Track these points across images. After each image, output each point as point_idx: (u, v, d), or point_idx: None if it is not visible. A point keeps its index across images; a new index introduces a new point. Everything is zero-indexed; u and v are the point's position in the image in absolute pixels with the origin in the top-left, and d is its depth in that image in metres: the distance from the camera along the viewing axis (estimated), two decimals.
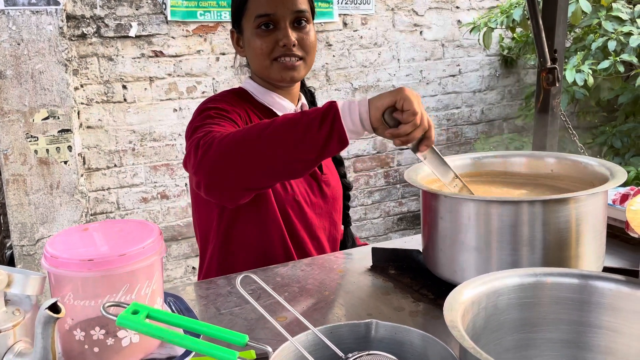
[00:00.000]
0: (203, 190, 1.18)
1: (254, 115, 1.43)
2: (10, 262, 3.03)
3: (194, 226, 1.54)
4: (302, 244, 1.47)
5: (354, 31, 3.75)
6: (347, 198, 1.63)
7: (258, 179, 1.14)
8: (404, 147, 1.10)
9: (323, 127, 1.04)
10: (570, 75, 3.38)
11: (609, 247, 1.17)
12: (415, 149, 1.12)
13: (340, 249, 1.61)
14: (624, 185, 1.23)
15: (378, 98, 1.06)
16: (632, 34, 3.34)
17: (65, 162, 2.85)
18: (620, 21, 3.49)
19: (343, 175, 1.63)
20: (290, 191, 1.42)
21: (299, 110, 1.09)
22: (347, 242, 1.66)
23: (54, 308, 0.73)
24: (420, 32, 3.97)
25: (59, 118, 2.81)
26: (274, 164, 1.09)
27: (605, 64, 3.39)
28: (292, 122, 1.06)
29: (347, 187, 1.63)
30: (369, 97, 1.08)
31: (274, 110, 1.47)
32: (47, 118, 2.79)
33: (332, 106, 1.06)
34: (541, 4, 1.74)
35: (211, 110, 1.32)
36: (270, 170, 1.12)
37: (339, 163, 1.64)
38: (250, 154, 1.09)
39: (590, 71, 3.39)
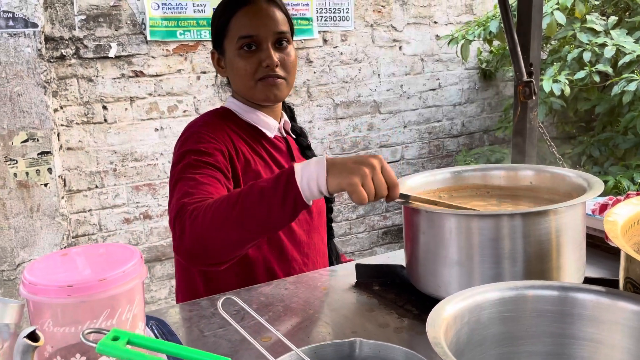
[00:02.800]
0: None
1: (238, 138, 1.42)
2: None
3: (173, 249, 1.52)
4: (294, 262, 1.46)
5: (334, 47, 3.78)
6: (329, 211, 1.64)
7: (232, 254, 1.18)
8: None
9: (286, 206, 1.06)
10: (547, 85, 3.43)
11: (589, 257, 1.19)
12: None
13: (328, 263, 1.62)
14: (603, 195, 1.24)
15: (334, 176, 1.05)
16: (606, 45, 3.41)
17: (46, 185, 2.82)
18: (595, 32, 3.57)
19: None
20: None
21: (272, 176, 1.10)
22: (332, 254, 1.66)
23: (33, 336, 0.72)
24: (400, 48, 4.02)
25: (38, 140, 2.78)
26: (244, 242, 1.14)
27: (581, 74, 3.45)
28: (254, 203, 1.08)
29: (329, 199, 1.63)
30: (328, 159, 1.08)
31: (259, 127, 1.48)
32: (26, 141, 2.76)
33: (290, 184, 1.06)
34: (516, 18, 1.77)
35: (191, 156, 1.31)
36: (243, 246, 1.16)
37: (307, 147, 1.65)
38: (219, 239, 1.12)
39: (567, 81, 3.45)
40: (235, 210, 1.08)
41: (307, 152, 1.61)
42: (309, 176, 1.05)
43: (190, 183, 1.24)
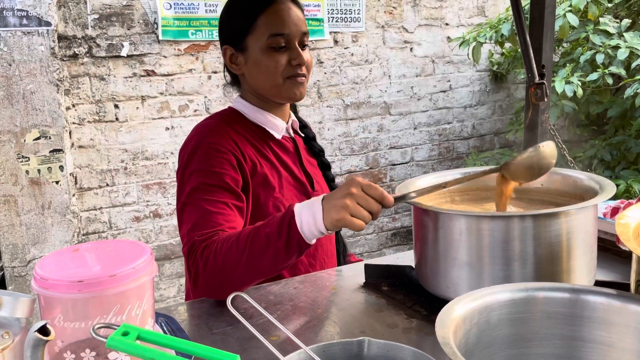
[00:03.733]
0: None
1: (245, 141, 1.42)
2: (2, 283, 3.00)
3: (183, 250, 1.53)
4: (300, 264, 1.46)
5: (344, 48, 3.78)
6: None
7: (247, 286, 1.25)
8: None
9: (290, 253, 1.13)
10: (559, 86, 3.41)
11: (600, 260, 1.18)
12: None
13: (337, 258, 1.62)
14: (614, 198, 1.24)
15: (329, 213, 1.09)
16: (619, 47, 3.38)
17: (57, 182, 2.84)
18: (608, 35, 3.54)
19: (332, 180, 1.64)
20: None
21: (274, 220, 1.17)
22: (339, 247, 1.66)
23: (44, 330, 0.73)
24: (411, 49, 4.01)
25: (50, 138, 2.80)
26: (256, 278, 1.21)
27: (594, 76, 3.42)
28: (262, 251, 1.14)
29: (333, 187, 1.63)
30: (325, 197, 1.12)
31: (267, 128, 1.48)
32: (38, 138, 2.78)
33: (292, 230, 1.11)
34: (528, 20, 1.77)
35: (200, 179, 1.32)
36: (254, 280, 1.23)
37: (326, 167, 1.65)
38: (234, 277, 1.18)
39: (580, 83, 3.43)
40: (244, 256, 1.15)
41: (313, 143, 1.63)
42: (308, 220, 1.11)
43: (198, 213, 1.28)
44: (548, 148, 1.14)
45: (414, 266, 1.25)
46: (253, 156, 1.41)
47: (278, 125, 1.50)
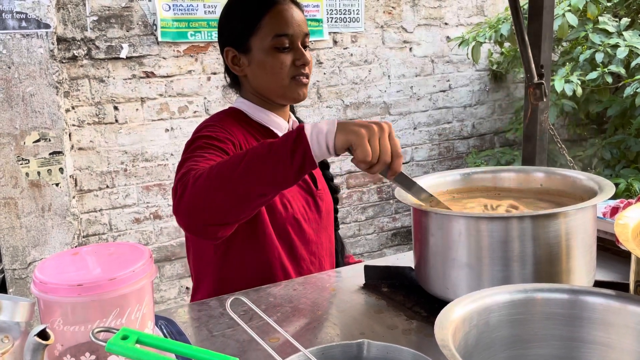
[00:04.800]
0: (185, 230, 1.20)
1: (251, 137, 1.43)
2: (2, 286, 3.00)
3: (186, 250, 1.53)
4: (302, 261, 1.47)
5: (344, 49, 3.78)
6: (335, 202, 1.64)
7: (235, 214, 1.13)
8: None
9: (294, 161, 1.04)
10: (559, 85, 3.41)
11: (600, 260, 1.18)
12: (384, 175, 1.11)
13: (335, 257, 1.62)
14: (614, 197, 1.24)
15: (341, 134, 1.04)
16: (619, 46, 3.38)
17: (57, 185, 2.84)
18: (607, 34, 3.54)
19: (330, 179, 1.64)
20: (290, 210, 1.43)
21: (282, 134, 1.08)
22: (337, 246, 1.66)
23: (43, 334, 0.73)
24: (410, 49, 4.01)
25: (50, 140, 2.81)
26: (248, 199, 1.09)
27: (593, 75, 3.42)
28: (263, 158, 1.06)
29: (335, 190, 1.64)
30: (339, 121, 1.07)
31: (270, 127, 1.49)
32: (38, 140, 2.78)
33: (301, 138, 1.04)
34: (527, 20, 1.76)
35: (202, 140, 1.31)
36: (245, 205, 1.11)
37: (325, 167, 1.66)
38: (223, 193, 1.08)
39: (579, 82, 3.42)
40: (242, 164, 1.06)
41: None
42: (319, 132, 1.04)
43: (198, 159, 1.22)
44: None
45: (413, 267, 1.25)
46: None
47: (281, 125, 1.50)
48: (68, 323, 0.83)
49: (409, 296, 1.24)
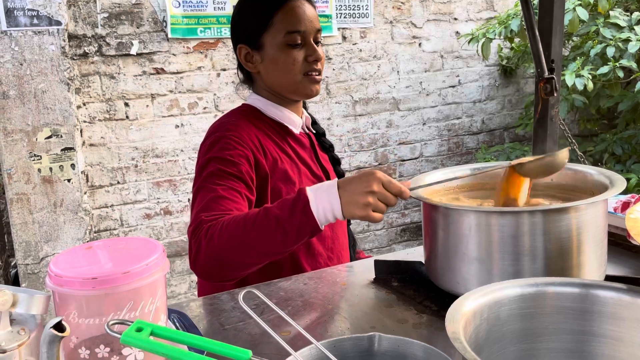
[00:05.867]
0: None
1: (265, 136, 1.44)
2: (15, 281, 3.03)
3: (188, 230, 1.54)
4: (319, 257, 1.48)
5: (353, 44, 3.77)
6: None
7: (246, 271, 1.24)
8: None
9: (300, 236, 1.13)
10: (570, 80, 3.39)
11: (611, 255, 1.18)
12: None
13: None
14: (625, 192, 1.23)
15: (348, 206, 1.11)
16: (630, 40, 3.36)
17: (69, 180, 2.87)
18: (619, 28, 3.51)
19: (342, 175, 1.65)
20: None
21: (283, 203, 1.17)
22: (349, 240, 1.67)
23: (59, 327, 0.74)
24: (419, 44, 4.00)
25: (61, 136, 2.83)
26: (258, 263, 1.21)
27: (604, 69, 3.40)
28: (270, 231, 1.13)
29: None
30: (337, 186, 1.13)
31: (284, 123, 1.50)
32: (50, 137, 2.81)
33: (307, 215, 1.11)
34: (537, 14, 1.75)
35: (215, 165, 1.32)
36: (256, 266, 1.23)
37: (336, 163, 1.67)
38: (236, 258, 1.17)
39: (590, 76, 3.40)
40: (250, 236, 1.13)
41: (323, 139, 1.65)
42: (324, 207, 1.11)
43: (210, 195, 1.27)
44: (563, 155, 1.21)
45: (423, 262, 1.25)
46: (274, 151, 1.43)
47: (295, 121, 1.51)
48: (83, 316, 0.84)
49: (419, 290, 1.24)
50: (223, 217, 1.21)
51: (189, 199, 3.37)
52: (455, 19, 4.09)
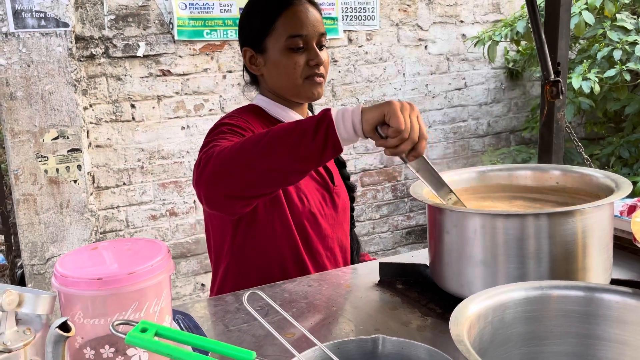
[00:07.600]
0: (204, 202, 1.21)
1: None
2: (21, 281, 3.05)
3: (207, 243, 1.55)
4: (318, 255, 1.49)
5: (359, 47, 3.78)
6: (352, 200, 1.65)
7: (255, 189, 1.16)
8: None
9: (317, 137, 1.06)
10: (576, 82, 3.38)
11: (617, 258, 1.17)
12: (405, 160, 1.12)
13: (351, 255, 1.63)
14: (632, 195, 1.23)
15: (370, 110, 1.06)
16: (637, 43, 3.34)
17: (75, 181, 2.88)
18: (625, 31, 3.50)
19: (347, 178, 1.65)
20: (306, 204, 1.45)
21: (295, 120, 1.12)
22: (353, 244, 1.67)
23: (64, 327, 0.74)
24: (425, 47, 4.00)
25: (68, 138, 2.84)
26: (269, 173, 1.11)
27: (611, 72, 3.39)
28: (287, 132, 1.08)
29: (351, 189, 1.65)
30: (363, 105, 1.09)
31: None
32: (56, 138, 2.82)
33: (325, 115, 1.07)
34: (543, 17, 1.75)
35: (224, 126, 1.34)
36: (266, 180, 1.13)
37: (341, 165, 1.67)
38: (246, 164, 1.11)
39: (597, 79, 3.39)
40: (266, 137, 1.09)
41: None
42: (344, 111, 1.06)
43: (221, 141, 1.25)
44: None
45: (428, 264, 1.25)
46: None
47: None
48: (88, 316, 0.84)
49: (423, 293, 1.24)
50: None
51: (194, 201, 3.38)
52: (462, 21, 4.09)
